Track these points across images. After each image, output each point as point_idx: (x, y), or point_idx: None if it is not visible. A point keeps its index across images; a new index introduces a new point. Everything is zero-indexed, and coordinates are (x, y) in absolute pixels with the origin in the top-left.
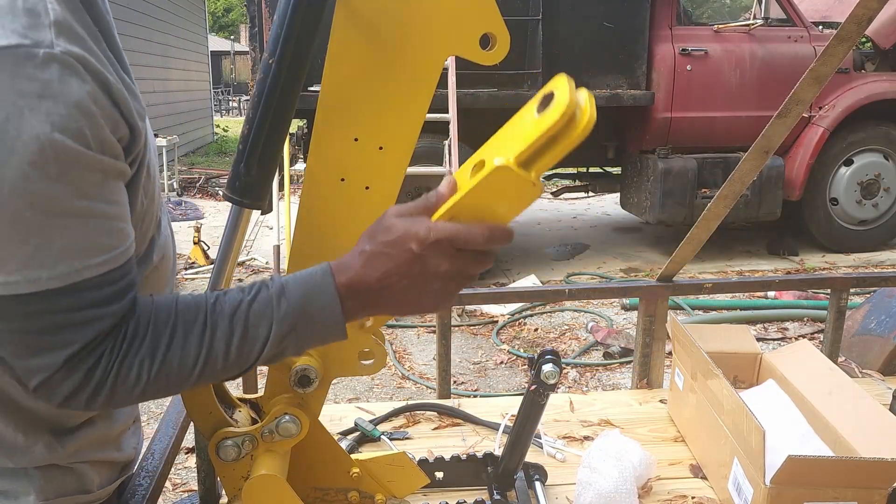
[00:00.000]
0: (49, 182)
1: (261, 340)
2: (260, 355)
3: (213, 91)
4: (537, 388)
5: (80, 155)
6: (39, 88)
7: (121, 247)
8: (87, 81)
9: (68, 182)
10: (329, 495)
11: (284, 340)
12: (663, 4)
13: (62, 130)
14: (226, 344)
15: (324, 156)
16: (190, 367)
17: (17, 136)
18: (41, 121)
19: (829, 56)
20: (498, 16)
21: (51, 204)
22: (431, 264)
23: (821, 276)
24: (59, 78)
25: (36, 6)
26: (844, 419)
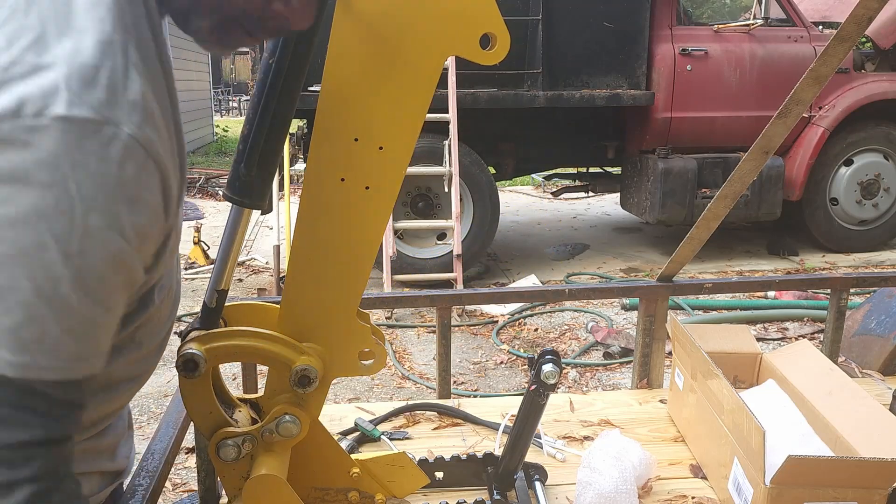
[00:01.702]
0: (64, 263)
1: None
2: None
3: (213, 91)
4: (537, 388)
5: (111, 247)
6: (95, 166)
7: (87, 360)
8: (145, 170)
9: (83, 272)
10: (329, 495)
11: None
12: (663, 4)
13: (102, 215)
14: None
15: (324, 156)
16: None
17: (53, 204)
18: (84, 197)
19: (829, 56)
20: (498, 16)
21: (53, 286)
22: None
23: (821, 276)
24: (119, 161)
25: (116, 81)
26: (844, 419)
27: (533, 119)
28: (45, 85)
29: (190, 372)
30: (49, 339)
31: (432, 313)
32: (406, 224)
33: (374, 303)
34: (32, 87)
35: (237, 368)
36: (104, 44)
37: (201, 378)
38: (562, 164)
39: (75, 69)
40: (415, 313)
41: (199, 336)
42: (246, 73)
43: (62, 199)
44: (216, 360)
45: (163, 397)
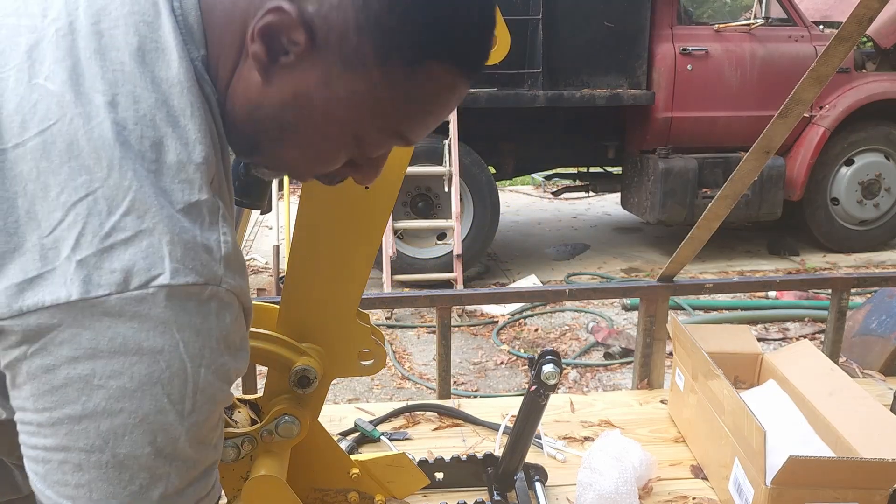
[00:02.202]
0: (180, 421)
1: None
2: None
3: None
4: (537, 389)
5: (219, 397)
6: (199, 324)
7: (200, 496)
8: (238, 316)
9: (196, 425)
10: (329, 496)
11: None
12: (664, 4)
13: (209, 367)
14: None
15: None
16: None
17: (170, 375)
18: (192, 354)
19: (830, 56)
20: (498, 16)
21: (173, 445)
22: None
23: (822, 276)
24: (217, 314)
25: (210, 241)
26: (845, 420)
27: (533, 119)
28: (150, 253)
29: None
30: (171, 491)
31: (432, 313)
32: (406, 224)
33: (374, 303)
34: (136, 256)
35: None
36: (194, 203)
37: None
38: (562, 164)
39: (176, 234)
40: (415, 313)
41: None
42: None
43: (174, 362)
44: None
45: None
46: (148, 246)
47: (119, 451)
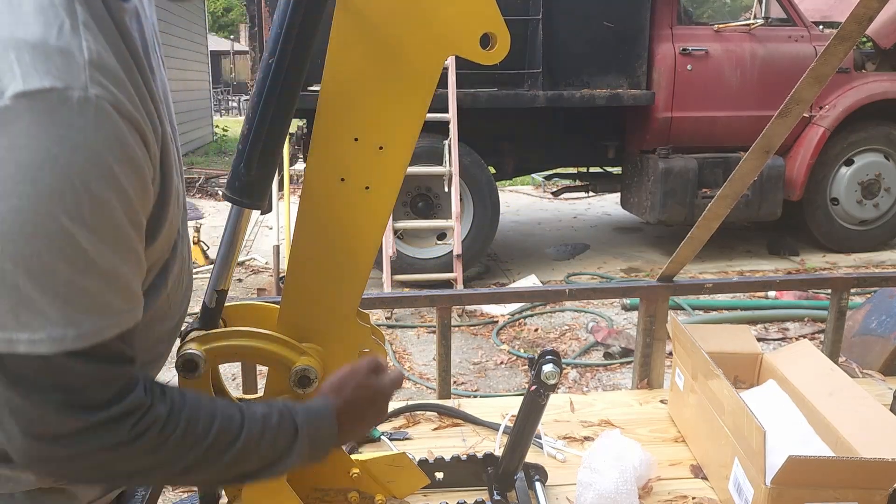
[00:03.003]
0: (86, 234)
1: (280, 456)
2: (275, 466)
3: (212, 91)
4: (537, 389)
5: (116, 206)
6: (75, 135)
7: (131, 309)
8: (121, 128)
9: (103, 236)
10: (329, 496)
11: (294, 461)
12: (664, 4)
13: (98, 180)
14: (256, 447)
15: (324, 156)
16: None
17: (52, 184)
18: (78, 170)
19: (830, 56)
20: (498, 15)
21: (84, 258)
22: (382, 408)
23: (821, 276)
24: (95, 124)
25: (70, 45)
26: (845, 419)
27: (533, 119)
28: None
29: (189, 372)
30: (96, 300)
31: (432, 313)
32: (406, 224)
33: (374, 303)
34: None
35: (237, 368)
36: (46, 8)
37: (201, 378)
38: (562, 164)
39: (22, 42)
40: (415, 313)
41: (198, 336)
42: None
43: (59, 177)
44: (216, 361)
45: None
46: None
47: (32, 271)
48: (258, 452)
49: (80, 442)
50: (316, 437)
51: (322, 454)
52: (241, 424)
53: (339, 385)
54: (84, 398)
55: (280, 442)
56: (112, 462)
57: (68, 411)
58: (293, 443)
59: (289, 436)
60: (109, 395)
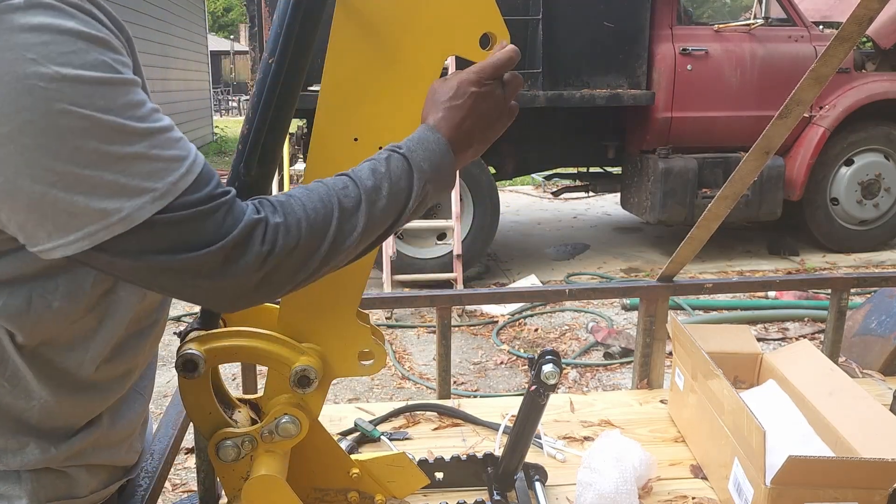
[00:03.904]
0: (103, 114)
1: (405, 191)
2: (408, 203)
3: (212, 91)
4: (537, 389)
5: (114, 80)
6: (37, 36)
7: (191, 155)
8: (76, 16)
9: (119, 109)
10: (329, 496)
11: (424, 188)
12: (664, 4)
13: (82, 66)
14: (379, 196)
15: (324, 156)
16: (351, 221)
17: (48, 86)
18: (59, 63)
19: (830, 56)
20: (498, 15)
21: (117, 132)
22: (489, 95)
23: (821, 276)
24: (52, 17)
25: None
26: (845, 419)
27: (533, 119)
28: None
29: (189, 372)
30: (153, 163)
31: (432, 313)
32: (406, 224)
33: (374, 303)
34: None
35: (237, 368)
36: None
37: (201, 378)
38: (562, 164)
39: None
40: (415, 313)
41: (198, 336)
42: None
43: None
44: (216, 361)
45: (162, 397)
46: None
47: (87, 162)
48: (385, 205)
49: (232, 267)
50: (432, 165)
51: (446, 176)
52: (355, 187)
53: (431, 98)
54: (203, 237)
55: (401, 184)
56: (274, 272)
57: (202, 248)
58: (411, 180)
59: (405, 176)
60: (222, 224)
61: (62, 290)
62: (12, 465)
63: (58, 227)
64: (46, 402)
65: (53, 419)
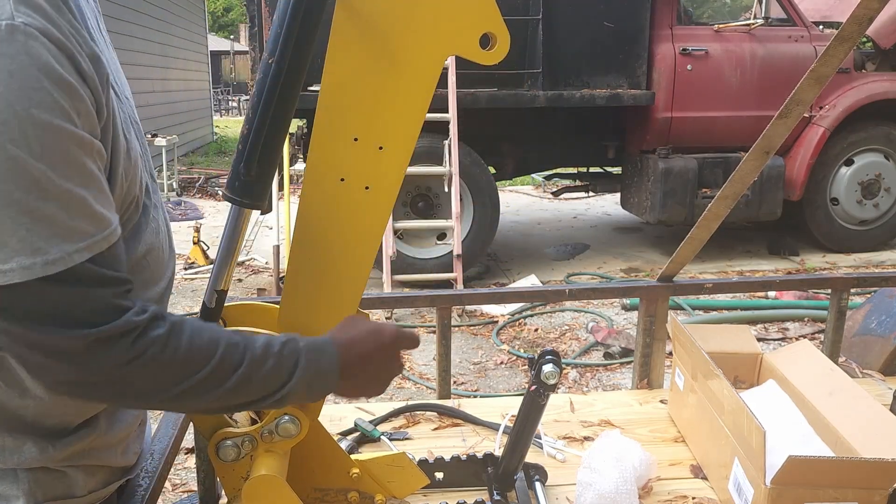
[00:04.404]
0: (35, 161)
1: (280, 383)
2: (272, 395)
3: (212, 91)
4: (537, 389)
5: (61, 130)
6: (7, 64)
7: (103, 231)
8: (52, 52)
9: (52, 161)
10: (329, 496)
11: (292, 393)
12: (664, 4)
13: (38, 105)
14: (256, 372)
15: (324, 156)
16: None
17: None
18: (16, 97)
19: (830, 56)
20: (498, 15)
21: (37, 185)
22: (390, 357)
23: (821, 276)
24: (26, 50)
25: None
26: (845, 419)
27: (533, 119)
28: None
29: None
30: (60, 226)
31: (432, 313)
32: (406, 224)
33: (374, 303)
34: None
35: None
36: None
37: None
38: (562, 164)
39: None
40: (415, 313)
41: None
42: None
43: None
44: None
45: None
46: None
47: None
48: (261, 377)
49: (89, 359)
50: (317, 369)
51: (321, 389)
52: (244, 349)
53: (344, 325)
54: (75, 318)
55: (283, 369)
56: (124, 380)
57: (66, 330)
58: (293, 371)
59: (290, 364)
60: (99, 315)
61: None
62: (10, 463)
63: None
64: (41, 401)
65: (49, 418)
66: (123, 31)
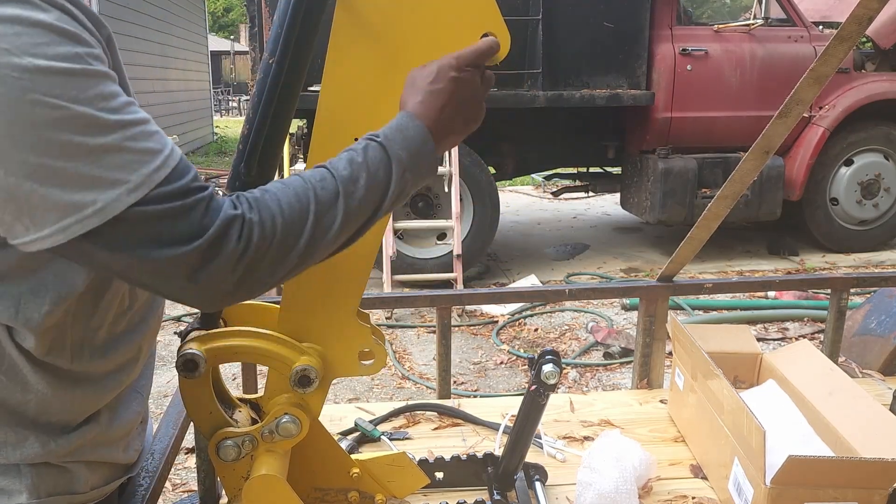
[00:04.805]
0: (77, 104)
1: (384, 181)
2: (387, 193)
3: (212, 91)
4: (537, 389)
5: (86, 72)
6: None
7: (166, 148)
8: (48, 10)
9: (90, 100)
10: (329, 495)
11: (403, 177)
12: (663, 4)
13: (55, 57)
14: (356, 188)
15: (324, 156)
16: (328, 214)
17: (20, 76)
18: (35, 53)
19: (830, 56)
20: (498, 15)
21: (89, 124)
22: (469, 82)
23: (821, 276)
24: (24, 10)
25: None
26: (845, 419)
27: (533, 119)
28: None
29: (190, 372)
30: (128, 153)
31: (432, 313)
32: (406, 224)
33: (374, 303)
34: None
35: (237, 368)
36: None
37: (201, 378)
38: (562, 164)
39: None
40: (415, 313)
41: (198, 336)
42: (246, 73)
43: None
44: (216, 361)
45: (163, 397)
46: None
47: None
48: (364, 189)
49: (209, 265)
50: (410, 152)
51: (426, 162)
52: (332, 175)
53: (408, 86)
54: (180, 232)
55: (378, 175)
56: (252, 269)
57: (178, 247)
58: (390, 171)
59: (385, 166)
60: (198, 222)
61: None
62: (13, 458)
63: (34, 220)
64: (44, 396)
65: (51, 413)
66: (123, 31)
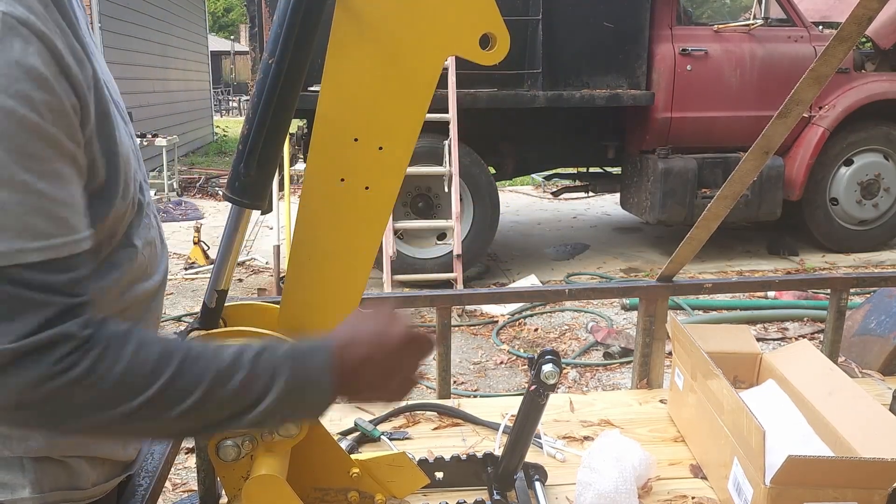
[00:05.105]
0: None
1: (255, 398)
2: (254, 409)
3: (212, 91)
4: (537, 389)
5: (26, 121)
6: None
7: (64, 237)
8: (31, 43)
9: (10, 150)
10: (329, 495)
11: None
12: (663, 4)
13: (4, 91)
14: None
15: (324, 156)
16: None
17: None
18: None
19: (830, 56)
20: (498, 16)
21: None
22: (397, 362)
23: (821, 276)
24: (1, 38)
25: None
26: (844, 419)
27: (533, 119)
28: None
29: None
30: (12, 218)
31: (432, 313)
32: (406, 224)
33: (374, 303)
34: None
35: None
36: None
37: None
38: (562, 164)
39: None
40: (415, 313)
41: (198, 336)
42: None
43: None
44: None
45: None
46: None
47: None
48: (228, 394)
49: (15, 370)
50: (304, 378)
51: (316, 400)
52: (206, 363)
53: (348, 322)
54: (7, 323)
55: (255, 383)
56: (50, 398)
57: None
58: (270, 384)
59: (266, 376)
60: (35, 322)
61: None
62: (17, 451)
63: None
64: None
65: None
66: (123, 31)
